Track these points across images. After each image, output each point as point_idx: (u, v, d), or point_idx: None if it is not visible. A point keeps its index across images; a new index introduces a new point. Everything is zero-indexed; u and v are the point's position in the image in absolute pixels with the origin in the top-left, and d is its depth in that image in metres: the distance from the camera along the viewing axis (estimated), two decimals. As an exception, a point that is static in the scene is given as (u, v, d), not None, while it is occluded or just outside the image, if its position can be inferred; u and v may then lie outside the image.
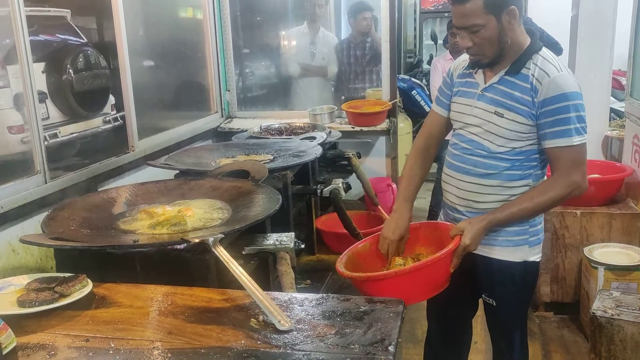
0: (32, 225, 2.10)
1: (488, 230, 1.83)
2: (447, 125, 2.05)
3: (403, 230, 1.92)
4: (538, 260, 1.96)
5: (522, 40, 1.81)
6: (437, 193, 4.67)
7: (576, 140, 1.74)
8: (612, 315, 2.42)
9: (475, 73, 1.90)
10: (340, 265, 1.79)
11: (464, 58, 1.95)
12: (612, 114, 4.36)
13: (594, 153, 3.78)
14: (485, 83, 1.86)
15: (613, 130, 3.81)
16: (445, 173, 2.00)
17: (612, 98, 4.08)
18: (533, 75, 1.77)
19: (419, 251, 1.96)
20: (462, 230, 1.79)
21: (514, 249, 1.91)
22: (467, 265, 1.87)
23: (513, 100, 1.79)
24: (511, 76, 1.81)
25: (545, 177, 1.88)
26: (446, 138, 2.09)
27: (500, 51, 1.78)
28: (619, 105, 4.66)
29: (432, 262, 1.71)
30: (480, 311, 2.15)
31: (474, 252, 1.86)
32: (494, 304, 1.98)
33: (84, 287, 1.50)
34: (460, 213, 1.96)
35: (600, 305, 2.50)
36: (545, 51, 1.82)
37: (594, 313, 2.46)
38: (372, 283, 1.70)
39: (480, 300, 2.08)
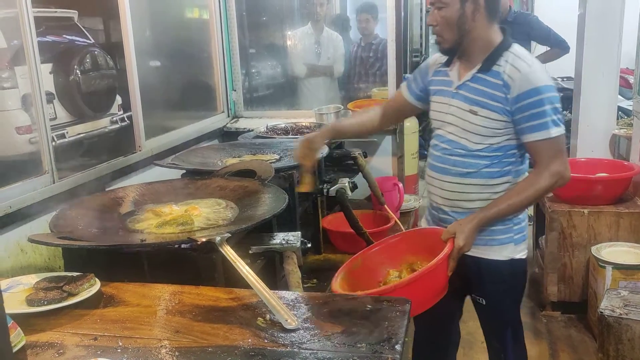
0: (41, 225, 2.11)
1: (479, 228, 1.85)
2: (405, 108, 2.10)
3: (312, 136, 2.04)
4: (524, 257, 1.99)
5: (493, 37, 1.85)
6: None
7: (554, 132, 1.77)
8: (620, 314, 2.41)
9: (450, 70, 1.93)
10: (337, 286, 1.77)
11: (440, 54, 1.99)
12: (620, 112, 4.34)
13: (601, 151, 3.77)
14: (459, 81, 1.89)
15: (621, 128, 3.79)
16: (428, 175, 2.02)
17: (619, 96, 4.06)
18: (504, 72, 1.80)
19: (408, 261, 1.95)
20: (454, 233, 1.80)
21: (499, 248, 1.93)
22: (456, 267, 1.87)
23: (486, 98, 1.82)
24: (483, 73, 1.84)
25: (526, 173, 1.91)
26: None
27: (459, 38, 1.82)
28: (626, 104, 4.64)
29: (429, 271, 1.70)
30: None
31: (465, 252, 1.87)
32: (484, 303, 1.99)
33: (92, 286, 1.51)
34: (445, 213, 1.97)
35: (608, 305, 2.49)
36: (516, 47, 1.85)
37: (601, 312, 2.45)
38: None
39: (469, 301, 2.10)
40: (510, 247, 1.93)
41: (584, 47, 3.69)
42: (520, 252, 1.96)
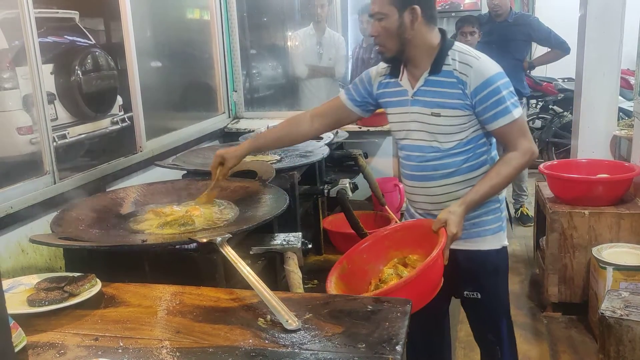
0: (42, 226, 2.11)
1: (467, 213, 1.87)
2: (339, 114, 2.09)
3: (228, 153, 2.02)
4: (508, 243, 2.06)
5: (434, 40, 1.89)
6: None
7: (516, 113, 1.83)
8: (621, 315, 2.41)
9: (401, 80, 1.95)
10: (332, 291, 1.74)
11: (383, 66, 2.01)
12: (621, 113, 4.34)
13: (602, 152, 3.77)
14: (413, 88, 1.91)
15: (621, 129, 3.78)
16: (408, 185, 2.03)
17: (620, 97, 4.06)
18: (455, 69, 1.84)
19: (394, 256, 1.94)
20: (445, 221, 1.80)
21: (492, 237, 1.99)
22: (447, 265, 1.86)
23: (445, 98, 1.85)
24: (435, 75, 1.87)
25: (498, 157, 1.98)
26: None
27: (401, 47, 1.86)
28: (627, 105, 4.64)
29: (432, 263, 1.69)
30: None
31: (455, 249, 1.88)
32: (479, 297, 2.01)
33: (93, 287, 1.51)
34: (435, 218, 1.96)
35: (609, 306, 2.48)
36: (458, 45, 1.90)
37: (602, 313, 2.45)
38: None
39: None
40: (500, 234, 2.01)
41: (585, 48, 3.69)
42: (506, 238, 2.05)
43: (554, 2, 6.78)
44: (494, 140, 1.97)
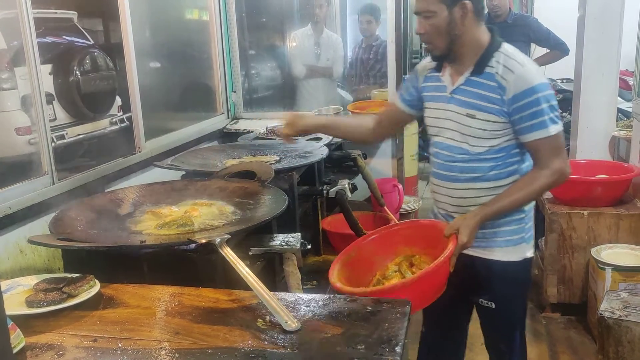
0: (40, 226, 2.11)
1: (482, 223, 1.83)
2: (398, 117, 2.08)
3: (295, 119, 2.06)
4: (532, 255, 1.98)
5: (482, 38, 1.83)
6: None
7: (552, 130, 1.76)
8: (620, 316, 2.41)
9: (442, 75, 1.91)
10: (335, 280, 1.75)
11: (429, 60, 1.97)
12: (620, 114, 4.33)
13: (601, 153, 3.77)
14: (452, 85, 1.87)
15: (620, 130, 3.78)
16: (433, 183, 2.00)
17: (619, 98, 4.06)
18: (498, 73, 1.78)
19: (403, 252, 1.94)
20: (457, 229, 1.78)
21: (514, 248, 1.91)
22: (463, 269, 1.85)
23: (483, 100, 1.80)
24: (476, 76, 1.82)
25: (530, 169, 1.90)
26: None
27: (450, 44, 1.80)
28: (626, 106, 4.63)
29: (437, 268, 1.69)
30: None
31: (473, 256, 1.87)
32: (493, 307, 1.95)
33: (92, 288, 1.51)
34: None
35: (608, 307, 2.48)
36: (506, 47, 1.83)
37: (601, 314, 2.45)
38: (379, 295, 1.67)
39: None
40: (523, 246, 1.93)
41: (584, 49, 3.69)
42: (530, 250, 1.96)
43: (553, 3, 6.78)
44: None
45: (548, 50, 4.55)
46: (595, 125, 3.77)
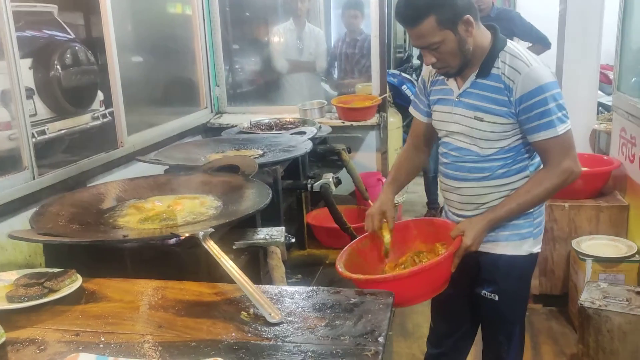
0: (21, 222, 2.08)
1: (490, 228, 1.83)
2: (429, 128, 2.04)
3: (385, 206, 1.96)
4: (539, 251, 1.98)
5: (485, 40, 1.80)
6: (431, 188, 4.69)
7: (560, 129, 1.75)
8: (600, 306, 2.45)
9: (447, 80, 1.90)
10: (340, 265, 1.78)
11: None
12: (600, 107, 4.39)
13: (582, 146, 3.81)
14: (459, 89, 1.86)
15: (601, 123, 3.84)
16: (443, 182, 2.00)
17: (599, 92, 4.11)
18: (504, 74, 1.76)
19: (417, 247, 1.96)
20: (463, 231, 1.79)
21: (520, 242, 1.91)
22: (470, 262, 1.87)
23: (490, 103, 1.79)
24: (483, 78, 1.80)
25: (542, 166, 1.88)
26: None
27: (464, 59, 1.78)
28: (606, 99, 4.69)
29: (431, 266, 1.72)
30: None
31: (480, 249, 1.87)
32: (497, 299, 1.95)
33: (74, 282, 1.50)
34: (466, 217, 1.94)
35: (588, 297, 2.53)
36: (510, 46, 1.81)
37: (582, 304, 2.49)
38: (372, 284, 1.70)
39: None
40: (530, 241, 1.92)
41: (565, 44, 3.73)
42: (537, 245, 1.96)
43: (535, -2, 6.84)
44: None
45: (530, 44, 4.59)
46: (576, 118, 3.78)
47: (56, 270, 1.54)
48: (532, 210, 1.90)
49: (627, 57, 3.44)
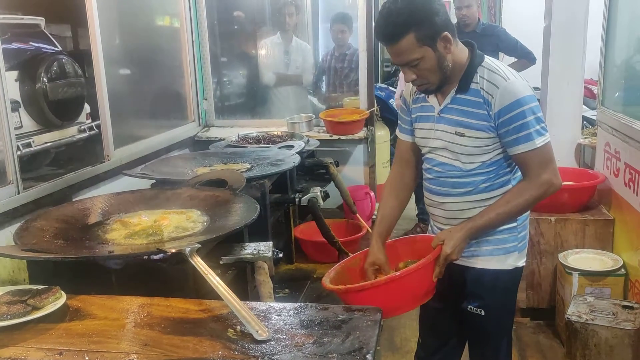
0: (4, 237, 2.06)
1: (469, 237, 1.84)
2: (416, 149, 2.05)
3: (378, 260, 1.93)
4: (524, 264, 1.99)
5: (463, 57, 1.83)
6: (420, 199, 4.70)
7: (539, 142, 1.76)
8: (587, 320, 2.46)
9: (428, 97, 1.91)
10: (327, 280, 1.79)
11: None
12: (585, 122, 4.44)
13: (567, 161, 3.85)
14: (440, 105, 1.88)
15: (585, 138, 3.88)
16: (427, 197, 2.01)
17: (584, 106, 4.16)
18: (482, 88, 1.79)
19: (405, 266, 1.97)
20: (443, 240, 1.80)
21: (505, 257, 1.92)
22: (456, 277, 1.88)
23: (470, 117, 1.81)
24: (462, 94, 1.82)
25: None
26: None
27: (443, 75, 1.80)
28: (591, 114, 4.75)
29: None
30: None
31: (465, 264, 1.88)
32: (482, 314, 1.95)
33: (58, 300, 1.47)
34: None
35: (575, 311, 2.54)
36: (487, 61, 1.83)
37: (569, 318, 2.50)
38: (353, 295, 1.70)
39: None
40: (515, 255, 1.93)
41: (550, 58, 3.78)
42: (522, 259, 1.96)
43: (521, 13, 6.94)
44: None
45: (516, 60, 4.64)
46: (561, 133, 3.85)
47: (40, 287, 1.51)
48: (515, 224, 1.91)
49: (610, 72, 3.49)
